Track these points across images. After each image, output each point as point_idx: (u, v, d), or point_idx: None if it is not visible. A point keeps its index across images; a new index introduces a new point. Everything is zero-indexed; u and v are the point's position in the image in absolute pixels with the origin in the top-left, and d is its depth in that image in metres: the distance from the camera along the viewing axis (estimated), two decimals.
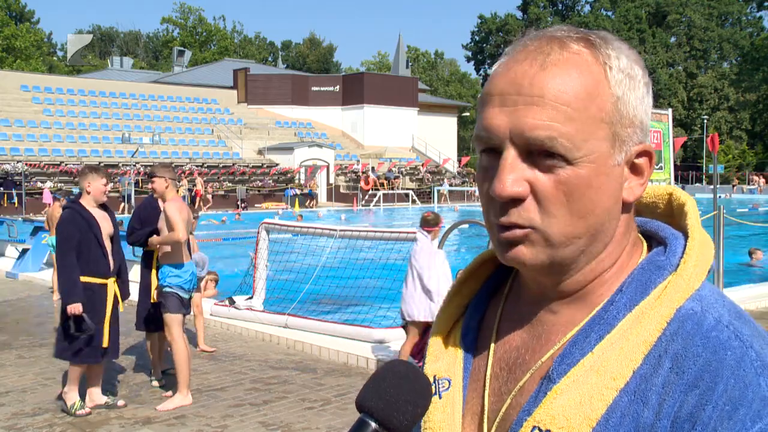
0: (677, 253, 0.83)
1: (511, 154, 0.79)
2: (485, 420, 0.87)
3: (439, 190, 38.87)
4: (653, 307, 0.79)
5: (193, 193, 31.24)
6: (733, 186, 48.76)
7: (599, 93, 0.79)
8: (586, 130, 0.79)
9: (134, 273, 11.21)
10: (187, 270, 6.01)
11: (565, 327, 0.84)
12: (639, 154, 0.83)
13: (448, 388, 0.91)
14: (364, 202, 36.42)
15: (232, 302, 9.13)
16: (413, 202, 37.85)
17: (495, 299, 0.96)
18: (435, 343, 0.97)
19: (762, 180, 49.68)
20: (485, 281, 0.98)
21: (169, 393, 6.10)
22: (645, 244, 0.88)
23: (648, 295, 0.80)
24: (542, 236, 0.80)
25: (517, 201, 0.79)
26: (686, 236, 0.85)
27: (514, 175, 0.79)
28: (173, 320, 5.92)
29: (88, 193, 5.71)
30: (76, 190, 29.79)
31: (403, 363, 0.86)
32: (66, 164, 32.97)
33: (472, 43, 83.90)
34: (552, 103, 0.78)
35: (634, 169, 0.83)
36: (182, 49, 66.68)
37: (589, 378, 0.78)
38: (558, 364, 0.81)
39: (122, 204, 29.29)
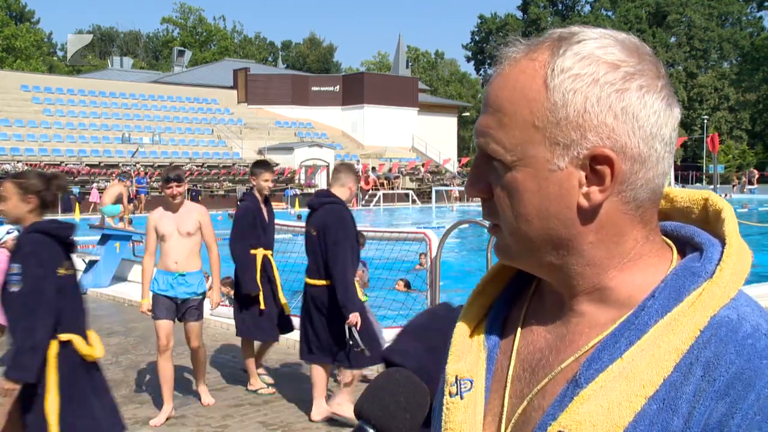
0: (713, 260, 0.79)
1: (477, 158, 0.86)
2: (503, 420, 0.86)
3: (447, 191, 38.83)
4: (686, 314, 0.76)
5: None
6: (733, 186, 48.72)
7: (535, 97, 0.79)
8: (516, 135, 0.79)
9: (134, 273, 11.24)
10: None
11: (588, 329, 0.82)
12: (596, 160, 0.77)
13: (470, 388, 0.89)
14: (364, 202, 36.43)
15: (232, 302, 9.13)
16: (413, 202, 37.88)
17: (519, 300, 0.94)
18: (458, 343, 0.94)
19: (755, 175, 49.74)
20: (510, 281, 0.97)
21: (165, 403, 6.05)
22: (675, 250, 0.85)
23: (681, 301, 0.77)
24: (502, 233, 0.85)
25: (486, 200, 0.86)
26: (723, 243, 0.81)
27: (475, 176, 0.86)
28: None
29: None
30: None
31: (402, 372, 0.87)
32: (66, 164, 32.97)
33: (472, 43, 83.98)
34: (491, 110, 0.82)
35: (596, 175, 0.78)
36: (182, 49, 66.73)
37: (617, 384, 0.76)
38: (586, 369, 0.79)
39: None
